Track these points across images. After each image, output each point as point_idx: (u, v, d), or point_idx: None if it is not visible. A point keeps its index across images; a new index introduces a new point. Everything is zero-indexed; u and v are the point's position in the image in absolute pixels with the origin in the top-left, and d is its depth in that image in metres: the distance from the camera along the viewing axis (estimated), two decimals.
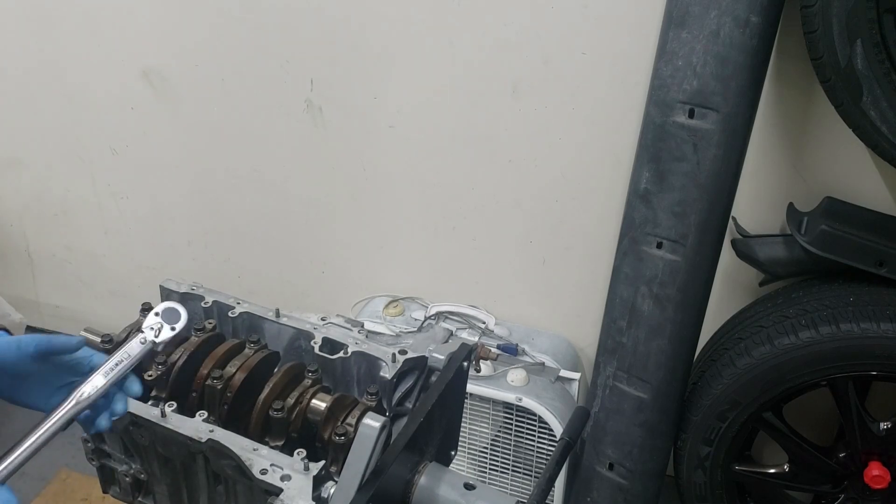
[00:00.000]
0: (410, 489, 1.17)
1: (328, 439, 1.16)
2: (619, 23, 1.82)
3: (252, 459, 1.11)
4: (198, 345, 1.25)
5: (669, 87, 1.65)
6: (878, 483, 1.78)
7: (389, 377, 1.24)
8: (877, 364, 1.67)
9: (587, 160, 2.00)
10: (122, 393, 1.08)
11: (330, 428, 1.17)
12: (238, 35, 2.14)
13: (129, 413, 1.15)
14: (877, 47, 1.47)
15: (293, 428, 1.19)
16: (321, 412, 1.18)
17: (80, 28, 2.29)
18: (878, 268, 1.71)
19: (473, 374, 2.01)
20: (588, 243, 2.10)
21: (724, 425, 1.82)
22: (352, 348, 1.28)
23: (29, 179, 2.63)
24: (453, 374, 1.24)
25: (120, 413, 1.07)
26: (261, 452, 1.13)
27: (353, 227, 2.33)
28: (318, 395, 1.21)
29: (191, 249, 2.55)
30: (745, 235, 1.90)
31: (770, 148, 1.86)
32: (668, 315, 1.77)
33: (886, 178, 1.82)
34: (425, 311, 2.23)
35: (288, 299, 2.49)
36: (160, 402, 1.21)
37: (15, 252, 2.80)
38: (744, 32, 1.56)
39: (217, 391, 1.19)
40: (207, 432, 1.14)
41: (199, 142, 2.35)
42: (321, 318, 1.35)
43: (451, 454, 1.36)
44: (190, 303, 1.37)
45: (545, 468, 1.34)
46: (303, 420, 1.19)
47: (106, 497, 1.37)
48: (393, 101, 2.09)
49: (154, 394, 1.24)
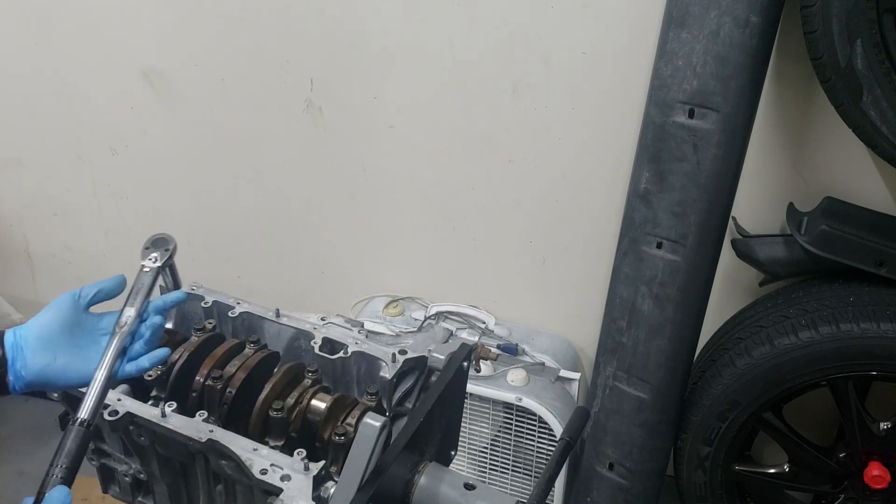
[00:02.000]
0: (410, 489, 1.17)
1: (328, 439, 1.16)
2: (619, 23, 1.82)
3: (252, 459, 1.11)
4: (198, 345, 1.25)
5: (669, 87, 1.65)
6: (878, 483, 1.78)
7: (389, 377, 1.24)
8: (877, 364, 1.67)
9: (587, 160, 2.00)
10: (148, 326, 1.14)
11: (330, 428, 1.17)
12: (238, 35, 2.14)
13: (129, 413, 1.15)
14: (877, 47, 1.47)
15: (293, 428, 1.19)
16: (321, 412, 1.18)
17: (80, 28, 2.29)
18: (878, 268, 1.71)
19: (474, 374, 2.01)
20: (588, 243, 2.10)
21: (724, 425, 1.82)
22: (351, 348, 1.28)
23: (29, 179, 2.63)
24: (453, 374, 1.24)
25: (154, 343, 1.13)
26: (261, 452, 1.13)
27: (353, 227, 2.33)
28: (317, 395, 1.21)
29: (191, 249, 2.55)
30: (745, 235, 1.90)
31: (770, 148, 1.86)
32: (668, 315, 1.77)
33: (886, 178, 1.82)
34: (425, 311, 2.23)
35: (288, 299, 2.49)
36: (160, 402, 1.21)
37: (14, 252, 2.80)
38: (744, 32, 1.56)
39: (217, 391, 1.19)
40: (207, 432, 1.14)
41: (199, 142, 2.35)
42: (321, 318, 1.35)
43: (451, 454, 1.36)
44: (190, 303, 1.37)
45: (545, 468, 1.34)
46: (303, 420, 1.19)
47: (106, 497, 1.37)
48: (393, 101, 2.09)
49: (154, 394, 1.24)
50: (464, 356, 1.27)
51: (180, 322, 1.39)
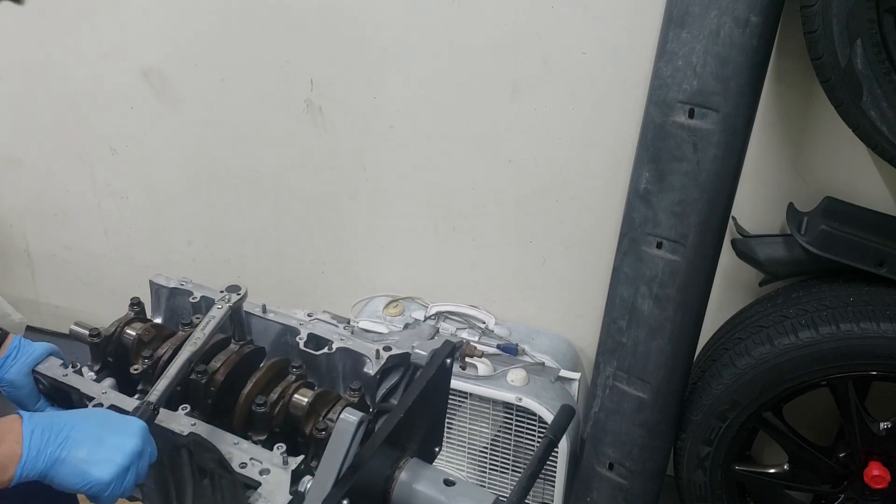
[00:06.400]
0: (390, 484, 1.17)
1: (309, 434, 1.17)
2: (619, 23, 1.82)
3: (232, 453, 1.12)
4: (183, 339, 1.26)
5: (669, 87, 1.65)
6: (878, 483, 1.78)
7: (373, 373, 1.24)
8: (877, 364, 1.67)
9: (587, 160, 2.00)
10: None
11: (311, 423, 1.18)
12: (238, 35, 2.14)
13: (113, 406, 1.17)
14: (877, 47, 1.47)
15: (276, 423, 1.19)
16: (303, 407, 1.19)
17: (81, 28, 2.29)
18: (878, 268, 1.71)
19: (474, 374, 2.01)
20: (588, 243, 2.10)
21: (724, 425, 1.82)
22: (336, 344, 1.28)
23: (29, 179, 2.63)
24: (436, 371, 1.24)
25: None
26: (241, 447, 1.14)
27: (352, 226, 2.33)
28: (300, 390, 1.21)
29: (191, 249, 2.55)
30: (745, 235, 1.90)
31: (770, 148, 1.86)
32: (668, 315, 1.77)
33: (886, 178, 1.82)
34: (425, 311, 2.23)
35: (288, 299, 2.49)
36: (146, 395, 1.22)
37: (15, 252, 2.80)
38: (744, 32, 1.56)
39: (201, 385, 1.19)
40: (189, 426, 1.14)
41: (198, 142, 2.35)
42: (307, 315, 1.35)
43: (434, 451, 1.35)
44: (179, 297, 1.37)
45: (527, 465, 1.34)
46: (285, 415, 1.20)
47: None
48: (393, 101, 2.09)
49: (140, 387, 1.24)
50: (447, 353, 1.27)
51: (169, 317, 1.40)
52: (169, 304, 1.39)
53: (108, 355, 1.28)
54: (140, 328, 1.28)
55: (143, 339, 1.26)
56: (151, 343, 1.26)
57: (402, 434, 1.16)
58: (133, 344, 1.26)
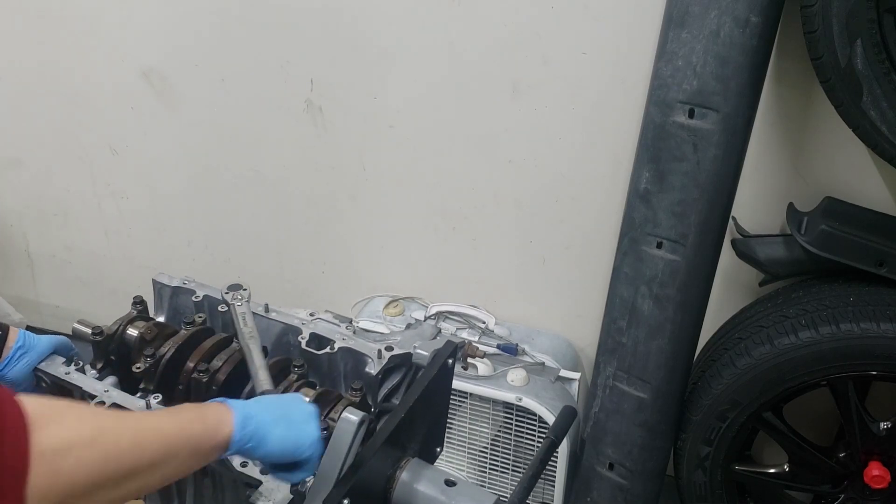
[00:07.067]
0: (391, 484, 1.17)
1: None
2: (619, 23, 1.82)
3: None
4: (186, 338, 1.26)
5: (669, 87, 1.65)
6: (878, 483, 1.78)
7: (375, 373, 1.24)
8: (877, 364, 1.67)
9: (587, 160, 2.00)
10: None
11: None
12: (238, 35, 2.14)
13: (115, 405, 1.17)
14: (877, 47, 1.47)
15: None
16: None
17: (80, 28, 2.29)
18: (878, 268, 1.71)
19: (474, 374, 2.01)
20: (588, 243, 2.10)
21: (724, 425, 1.82)
22: (338, 344, 1.28)
23: (29, 179, 2.63)
24: (438, 371, 1.24)
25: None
26: None
27: (353, 226, 2.33)
28: (302, 389, 1.21)
29: (191, 250, 2.55)
30: (745, 235, 1.90)
31: (770, 148, 1.86)
32: (668, 315, 1.77)
33: (886, 178, 1.82)
34: (425, 311, 2.23)
35: (288, 299, 2.49)
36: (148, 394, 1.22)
37: (15, 252, 2.80)
38: (744, 32, 1.56)
39: (203, 384, 1.20)
40: None
41: (199, 142, 2.35)
42: (309, 314, 1.35)
43: (436, 451, 1.35)
44: (181, 296, 1.37)
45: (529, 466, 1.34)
46: None
47: None
48: (393, 101, 2.09)
49: (143, 386, 1.24)
50: (449, 353, 1.27)
51: (172, 316, 1.40)
52: (171, 303, 1.40)
53: (111, 354, 1.28)
54: (143, 327, 1.28)
55: (146, 338, 1.26)
56: (154, 342, 1.26)
57: (403, 434, 1.16)
58: (136, 342, 1.27)
